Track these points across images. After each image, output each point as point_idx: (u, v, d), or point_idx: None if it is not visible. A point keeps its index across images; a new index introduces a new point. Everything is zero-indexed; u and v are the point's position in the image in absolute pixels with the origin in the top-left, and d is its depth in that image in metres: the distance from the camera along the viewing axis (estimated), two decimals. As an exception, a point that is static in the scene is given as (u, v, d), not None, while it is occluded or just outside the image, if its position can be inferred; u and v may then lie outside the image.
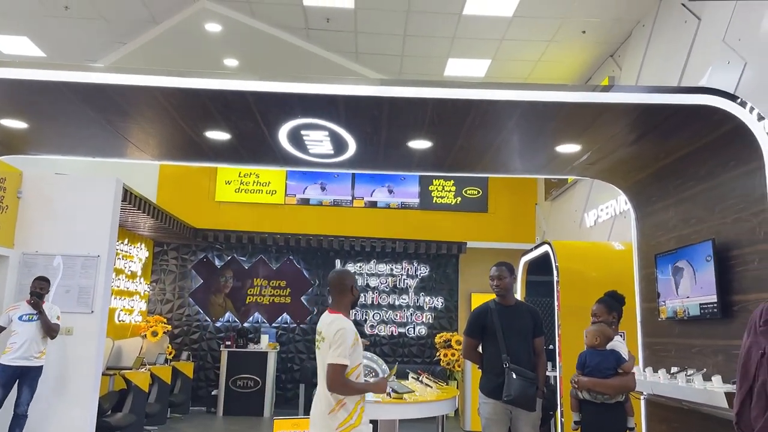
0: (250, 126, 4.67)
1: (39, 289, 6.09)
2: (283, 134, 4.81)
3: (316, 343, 3.56)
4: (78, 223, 6.73)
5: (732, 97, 3.91)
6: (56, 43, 8.87)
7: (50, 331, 6.09)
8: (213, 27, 8.14)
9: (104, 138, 5.04)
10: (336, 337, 3.35)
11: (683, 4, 6.40)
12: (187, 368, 10.06)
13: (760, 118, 3.81)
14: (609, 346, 4.02)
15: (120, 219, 7.57)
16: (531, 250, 7.24)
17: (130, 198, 7.56)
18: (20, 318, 6.01)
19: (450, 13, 7.57)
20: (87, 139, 5.13)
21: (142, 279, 10.44)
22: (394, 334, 11.26)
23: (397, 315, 11.31)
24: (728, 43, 5.54)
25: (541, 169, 5.71)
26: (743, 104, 3.86)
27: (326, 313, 3.62)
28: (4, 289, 6.59)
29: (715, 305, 4.11)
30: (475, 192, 11.51)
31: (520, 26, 7.76)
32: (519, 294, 7.21)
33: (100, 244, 6.74)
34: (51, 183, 6.90)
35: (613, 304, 4.28)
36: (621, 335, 4.38)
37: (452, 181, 11.47)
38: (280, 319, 11.21)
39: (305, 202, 11.32)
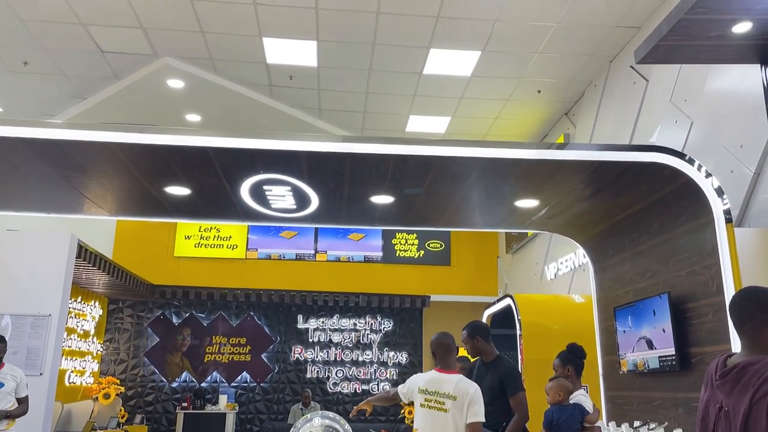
0: (212, 181, 4.63)
1: None
2: (245, 189, 4.79)
3: (429, 403, 3.64)
4: (29, 281, 6.49)
5: (680, 155, 4.08)
6: (14, 97, 8.76)
7: (23, 413, 5.15)
8: (175, 83, 8.18)
9: (60, 194, 4.93)
10: (476, 396, 3.54)
11: (632, 66, 6.74)
12: (141, 431, 9.60)
13: (708, 175, 3.98)
14: (573, 400, 4.01)
15: (74, 276, 7.33)
16: (494, 303, 7.27)
17: (84, 254, 7.35)
18: None
19: (411, 72, 7.79)
20: (42, 195, 5.01)
21: (95, 338, 10.05)
22: (358, 391, 11.03)
23: (360, 371, 11.12)
24: (675, 104, 5.83)
25: (501, 223, 5.80)
26: (691, 161, 4.03)
27: (437, 373, 3.75)
28: (-55, 352, 6.24)
29: (674, 358, 4.16)
30: (438, 245, 11.59)
31: (478, 85, 8.02)
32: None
33: (52, 302, 6.50)
34: (1, 240, 6.68)
35: (568, 357, 4.28)
36: (584, 389, 4.38)
37: (415, 235, 11.55)
38: (239, 378, 10.89)
39: (267, 256, 11.20)
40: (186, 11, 6.66)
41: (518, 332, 6.13)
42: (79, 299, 9.25)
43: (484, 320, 7.44)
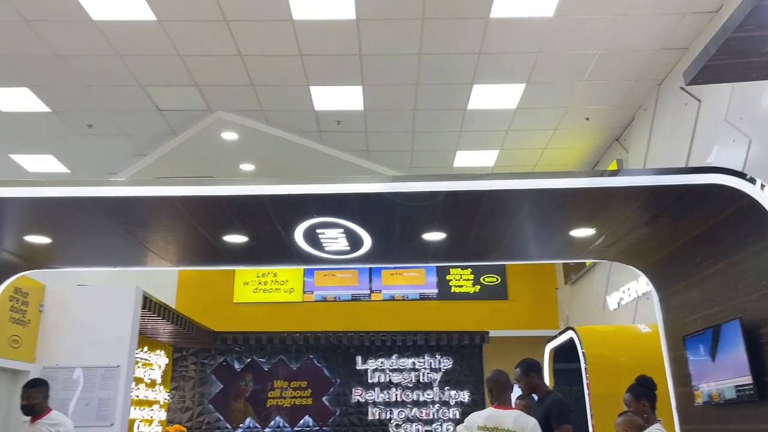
0: (267, 228, 4.76)
1: (25, 400, 4.88)
2: (299, 234, 4.89)
3: None
4: (98, 334, 6.74)
5: (740, 175, 3.94)
6: (79, 158, 9.27)
7: None
8: (229, 135, 8.49)
9: (125, 248, 5.14)
10: (534, 430, 3.71)
11: (682, 88, 6.60)
12: (208, 480, 9.67)
13: (772, 193, 3.82)
14: (649, 437, 3.85)
15: (140, 326, 7.57)
16: (555, 336, 7.09)
17: (149, 305, 7.60)
18: None
19: (456, 108, 7.86)
20: (108, 250, 5.24)
21: (161, 387, 10.28)
22: (421, 432, 10.84)
23: (422, 412, 10.94)
24: (731, 122, 5.66)
25: (557, 254, 5.70)
26: (752, 181, 3.88)
27: (494, 409, 3.94)
28: (23, 405, 6.50)
29: (751, 387, 3.94)
30: (494, 279, 11.43)
31: (525, 117, 8.01)
32: (548, 383, 6.99)
33: (120, 353, 6.73)
34: (72, 295, 6.99)
35: (640, 391, 4.13)
36: (659, 422, 4.19)
37: (470, 270, 11.43)
38: (302, 421, 10.88)
39: (323, 298, 11.29)
40: (237, 67, 6.96)
41: (583, 366, 5.94)
42: (145, 349, 9.52)
43: (546, 355, 7.25)
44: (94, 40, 6.44)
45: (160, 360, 10.18)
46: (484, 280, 11.45)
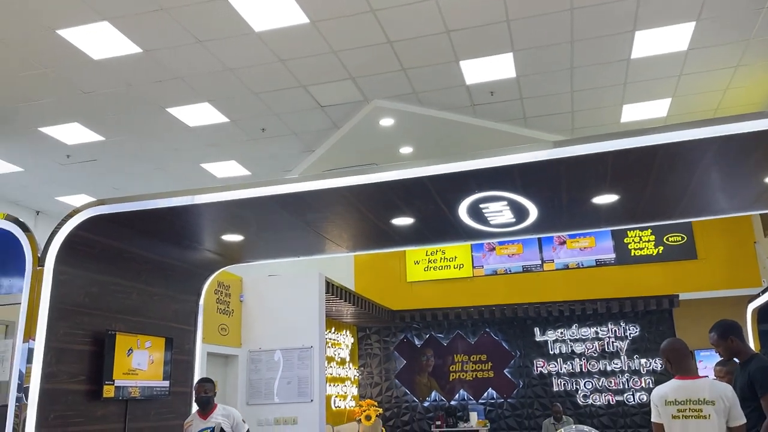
0: (431, 208, 4.85)
1: (203, 393, 5.20)
2: (462, 210, 4.92)
3: (684, 413, 3.52)
4: (291, 318, 7.38)
5: None
6: (258, 160, 10.14)
7: None
8: (386, 121, 8.75)
9: (304, 238, 5.56)
10: (734, 398, 3.43)
11: None
12: (402, 450, 10.18)
13: None
14: None
15: (326, 309, 8.15)
16: (758, 295, 6.39)
17: (332, 289, 8.14)
18: None
19: (617, 60, 7.34)
20: (291, 242, 5.71)
21: (350, 364, 10.98)
22: (612, 402, 10.42)
23: (611, 382, 10.50)
24: None
25: (751, 205, 5.12)
26: None
27: (680, 381, 3.63)
28: (236, 386, 7.35)
29: None
30: (679, 238, 10.56)
31: (698, 58, 7.25)
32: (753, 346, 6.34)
33: (312, 335, 7.30)
34: (266, 285, 7.71)
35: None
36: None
37: (649, 230, 10.67)
38: (486, 394, 11.00)
39: (493, 272, 11.24)
40: (386, 54, 7.13)
41: (795, 326, 5.30)
42: (332, 330, 10.23)
43: (748, 316, 6.57)
44: (258, 50, 6.98)
45: (346, 339, 10.88)
46: (667, 240, 10.62)
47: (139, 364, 5.08)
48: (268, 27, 6.56)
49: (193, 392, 5.37)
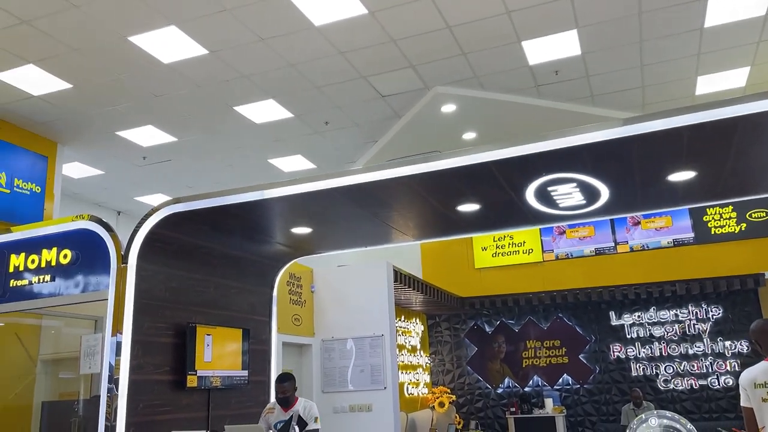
0: (497, 193, 4.79)
1: (281, 393, 5.25)
2: (530, 194, 4.83)
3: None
4: (361, 307, 7.48)
5: None
6: (322, 154, 10.29)
7: None
8: (448, 108, 8.68)
9: (371, 228, 5.61)
10: None
11: None
12: (476, 437, 10.16)
13: None
14: None
15: (394, 298, 8.21)
16: None
17: (400, 278, 8.19)
18: (275, 426, 5.16)
19: (689, 30, 6.99)
20: (357, 232, 5.78)
21: (421, 352, 11.03)
22: (695, 387, 10.02)
23: (693, 366, 10.09)
24: None
25: None
26: None
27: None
28: (311, 374, 7.54)
29: None
30: (763, 214, 10.00)
31: (780, 20, 6.80)
32: None
33: (382, 323, 7.38)
34: (335, 275, 7.84)
35: None
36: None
37: (731, 207, 10.14)
38: (561, 380, 10.80)
39: (565, 255, 10.99)
40: (446, 39, 7.06)
41: None
42: (402, 318, 10.30)
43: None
44: (319, 44, 7.06)
45: (416, 327, 10.93)
46: (750, 216, 10.06)
47: (219, 354, 5.29)
48: (328, 20, 6.62)
49: (272, 390, 5.44)
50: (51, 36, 6.52)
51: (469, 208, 5.11)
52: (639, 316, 10.54)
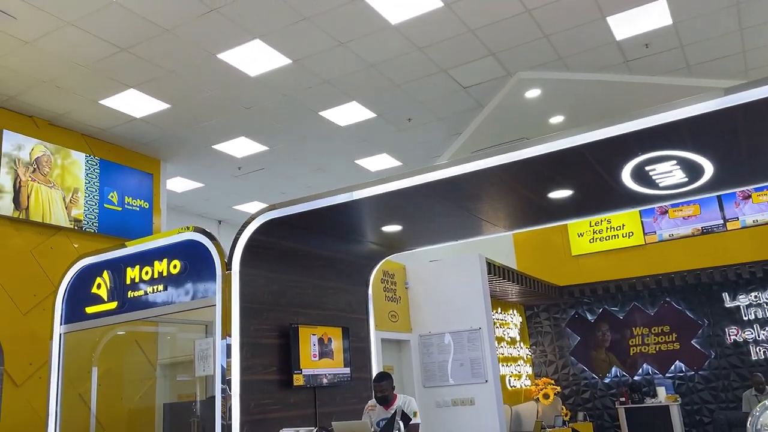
0: (591, 177, 4.63)
1: (379, 392, 5.26)
2: (626, 176, 4.63)
3: None
4: (456, 301, 7.46)
5: None
6: (407, 150, 10.34)
7: None
8: (532, 93, 8.46)
9: (461, 222, 5.59)
10: None
11: None
12: (587, 429, 9.88)
13: None
14: None
15: (490, 290, 8.12)
16: None
17: (494, 270, 8.09)
18: (378, 424, 5.10)
19: (794, -16, 6.43)
20: (447, 227, 5.76)
21: (521, 344, 10.85)
22: (827, 371, 9.22)
23: (822, 347, 9.30)
24: None
25: None
26: None
27: None
28: (411, 369, 7.60)
29: None
30: None
31: None
32: None
33: (479, 316, 7.32)
34: (428, 270, 7.87)
35: None
36: None
37: None
38: (673, 367, 10.28)
39: (668, 236, 10.43)
40: (526, 23, 6.90)
41: None
42: (498, 310, 10.17)
43: None
44: (397, 42, 7.10)
45: (514, 319, 10.76)
46: None
47: (322, 353, 5.46)
48: (404, 18, 6.64)
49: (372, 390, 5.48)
50: (148, 61, 6.95)
51: (561, 194, 4.97)
52: (756, 297, 9.84)
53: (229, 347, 4.75)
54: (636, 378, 10.45)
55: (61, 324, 5.98)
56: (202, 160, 9.99)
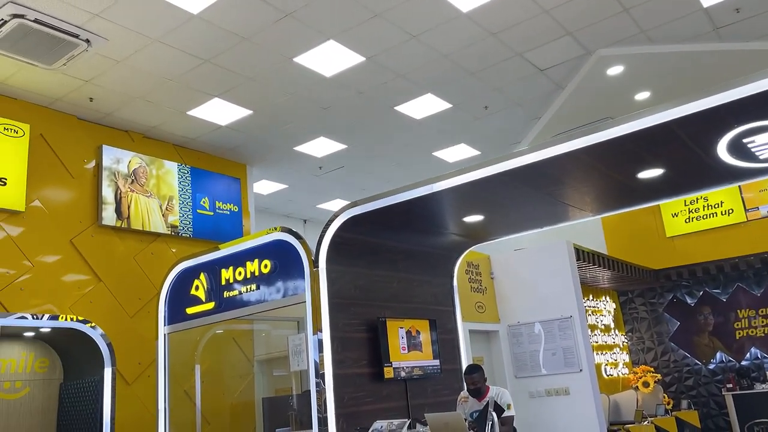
0: (683, 153, 4.41)
1: (471, 385, 5.34)
2: (721, 150, 4.38)
3: None
4: (545, 290, 7.30)
5: None
6: (485, 139, 10.20)
7: None
8: (615, 70, 8.12)
9: (545, 208, 5.47)
10: None
11: None
12: (692, 417, 9.39)
13: None
14: None
15: (580, 276, 7.89)
16: None
17: (582, 255, 7.85)
18: (471, 415, 5.10)
19: None
20: (532, 214, 5.66)
21: (616, 331, 10.47)
22: None
23: None
24: None
25: None
26: None
27: None
28: (501, 360, 7.53)
29: None
30: None
31: None
32: None
33: (569, 304, 7.14)
34: (513, 259, 7.75)
35: None
36: None
37: None
38: (785, 351, 9.60)
39: (775, 212, 9.74)
40: (603, -2, 6.63)
41: None
42: (590, 297, 9.86)
43: None
44: (469, 30, 7.01)
45: (607, 305, 10.39)
46: None
47: (410, 345, 5.50)
48: (475, 4, 6.55)
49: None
50: (229, 70, 7.23)
51: (651, 174, 4.77)
52: None
53: (320, 342, 4.89)
54: (744, 363, 9.84)
55: (164, 325, 6.36)
56: (284, 162, 10.29)
